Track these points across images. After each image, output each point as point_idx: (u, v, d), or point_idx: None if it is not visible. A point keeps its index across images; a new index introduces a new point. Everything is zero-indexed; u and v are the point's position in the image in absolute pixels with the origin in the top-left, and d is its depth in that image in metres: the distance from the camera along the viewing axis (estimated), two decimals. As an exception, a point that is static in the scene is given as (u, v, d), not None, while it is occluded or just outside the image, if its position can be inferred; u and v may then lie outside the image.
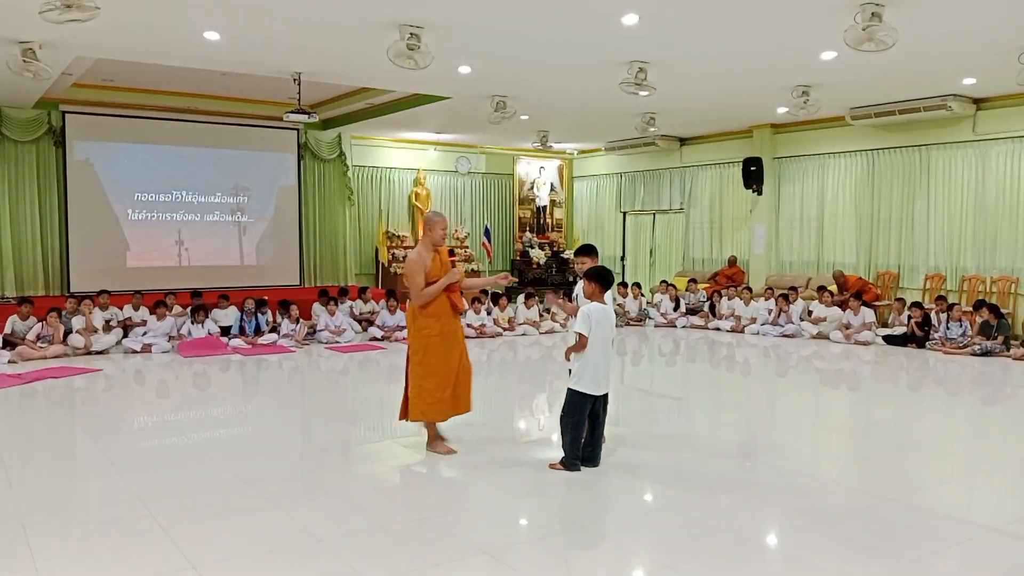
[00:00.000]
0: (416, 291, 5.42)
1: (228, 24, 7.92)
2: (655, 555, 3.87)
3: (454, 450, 5.52)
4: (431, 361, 5.43)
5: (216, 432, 6.59)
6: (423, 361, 5.43)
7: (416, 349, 5.47)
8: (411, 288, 5.45)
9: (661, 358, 10.80)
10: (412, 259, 5.45)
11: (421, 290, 5.40)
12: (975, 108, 11.51)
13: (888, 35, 7.01)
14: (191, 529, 4.07)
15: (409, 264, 5.45)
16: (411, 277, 5.42)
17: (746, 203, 14.85)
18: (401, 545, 3.91)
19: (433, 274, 5.44)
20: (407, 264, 5.48)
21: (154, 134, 13.37)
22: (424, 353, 5.43)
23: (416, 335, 5.48)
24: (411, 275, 5.42)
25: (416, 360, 5.46)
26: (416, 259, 5.43)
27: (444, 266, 5.52)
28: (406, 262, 5.51)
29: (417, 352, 5.46)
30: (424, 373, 5.42)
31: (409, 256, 5.51)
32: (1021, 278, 11.31)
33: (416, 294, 5.42)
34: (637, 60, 9.13)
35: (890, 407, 7.74)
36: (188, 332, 10.53)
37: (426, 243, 5.54)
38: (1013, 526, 4.28)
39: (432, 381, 5.42)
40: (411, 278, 5.42)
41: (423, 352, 5.43)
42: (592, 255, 5.61)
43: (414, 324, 5.50)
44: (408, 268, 5.46)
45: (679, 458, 5.52)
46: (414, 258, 5.44)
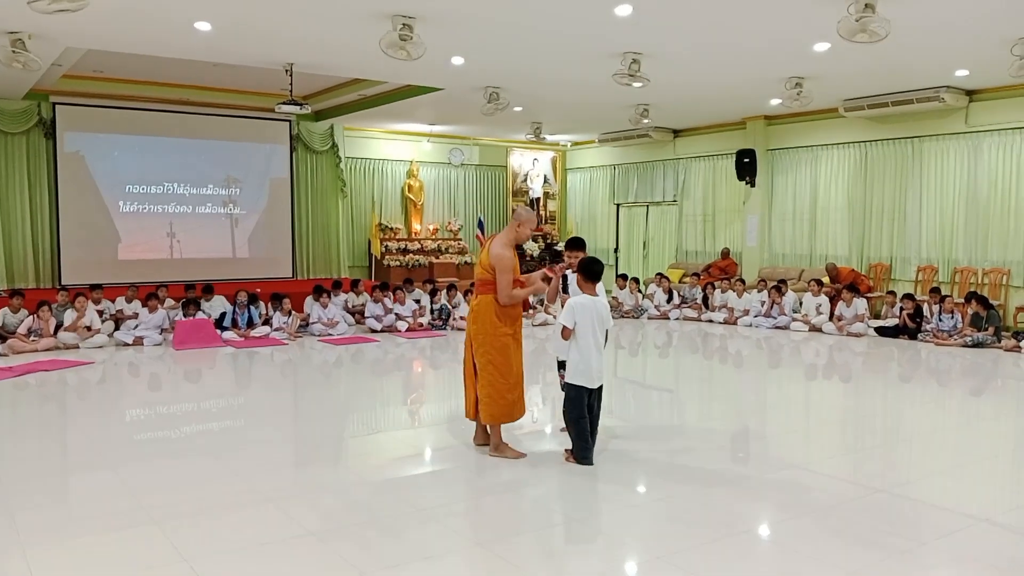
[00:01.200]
0: (506, 289, 5.17)
1: (219, 14, 7.86)
2: (648, 546, 3.87)
3: (524, 453, 5.27)
4: (506, 362, 5.23)
5: (208, 425, 6.57)
6: (496, 361, 5.21)
7: (492, 349, 5.21)
8: (500, 285, 5.17)
9: (655, 350, 10.81)
10: (503, 254, 5.17)
11: (510, 289, 5.20)
12: (968, 100, 11.52)
13: (881, 26, 7.01)
14: (183, 522, 4.06)
15: (503, 260, 5.16)
16: (501, 273, 5.16)
17: (739, 195, 14.86)
18: (395, 537, 3.90)
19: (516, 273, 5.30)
20: (498, 259, 5.16)
21: (145, 126, 13.30)
22: (499, 354, 5.22)
23: (494, 334, 5.21)
24: (502, 271, 5.16)
25: (487, 359, 5.22)
26: (507, 254, 5.19)
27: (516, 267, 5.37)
28: (495, 257, 5.17)
29: (492, 352, 5.21)
30: (499, 374, 5.21)
31: (497, 251, 5.19)
32: (1012, 270, 11.35)
33: (505, 293, 5.17)
34: (631, 51, 9.11)
35: (881, 398, 7.77)
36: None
37: (511, 238, 5.30)
38: (1002, 516, 4.30)
39: (505, 383, 5.23)
40: (501, 274, 5.16)
41: (499, 353, 5.22)
42: (583, 248, 5.62)
43: (493, 322, 5.22)
44: (499, 264, 5.16)
45: (672, 449, 5.52)
46: (505, 253, 5.18)
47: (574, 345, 5.03)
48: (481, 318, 5.25)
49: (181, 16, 7.89)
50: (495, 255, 5.19)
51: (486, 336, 5.22)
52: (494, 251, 5.21)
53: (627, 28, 8.13)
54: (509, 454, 5.25)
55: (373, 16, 7.71)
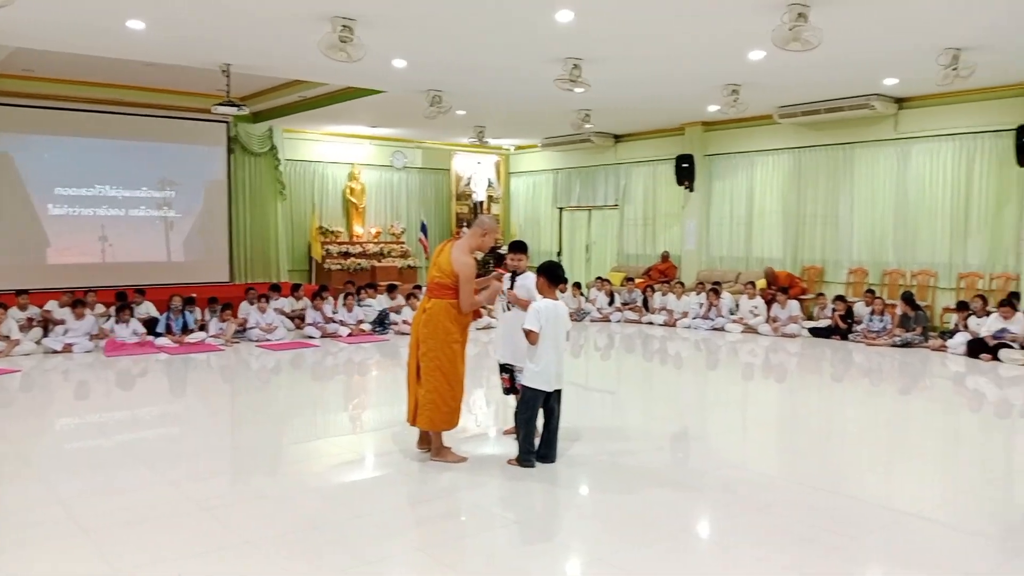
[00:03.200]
0: (469, 298, 5.13)
1: (152, 13, 7.67)
2: (589, 548, 3.89)
3: (465, 457, 5.27)
4: (454, 369, 5.17)
5: (141, 433, 6.38)
6: (444, 368, 5.14)
7: (442, 355, 5.13)
8: (463, 292, 5.11)
9: (596, 352, 10.90)
10: (467, 261, 5.12)
11: (473, 297, 5.16)
12: (897, 107, 11.91)
13: (813, 35, 7.20)
14: (114, 533, 3.94)
15: (465, 268, 5.10)
16: (466, 281, 5.10)
17: (678, 199, 15.09)
18: (335, 544, 3.85)
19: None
20: (464, 267, 5.10)
21: (76, 126, 12.91)
22: (449, 361, 5.15)
23: (445, 340, 5.13)
24: (466, 279, 5.10)
25: (436, 365, 5.13)
26: (470, 261, 5.15)
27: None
28: (462, 264, 5.10)
29: (442, 358, 5.13)
30: (445, 381, 5.15)
31: (465, 259, 5.13)
32: (939, 272, 11.77)
33: (468, 301, 5.13)
34: (572, 57, 9.18)
35: (815, 398, 7.97)
36: (112, 331, 10.18)
37: (473, 247, 5.26)
38: (932, 511, 4.44)
39: (450, 390, 5.17)
40: (466, 282, 5.10)
41: (448, 360, 5.15)
42: (526, 251, 5.65)
43: (446, 328, 5.14)
44: (464, 271, 5.09)
45: (613, 451, 5.57)
46: (468, 260, 5.13)
47: (533, 348, 5.02)
48: (434, 323, 5.15)
49: (113, 14, 7.68)
50: (459, 262, 5.11)
51: (437, 342, 5.14)
52: (457, 258, 5.12)
53: (568, 34, 8.19)
54: (451, 458, 5.23)
55: (312, 17, 7.61)
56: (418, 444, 5.42)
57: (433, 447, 5.28)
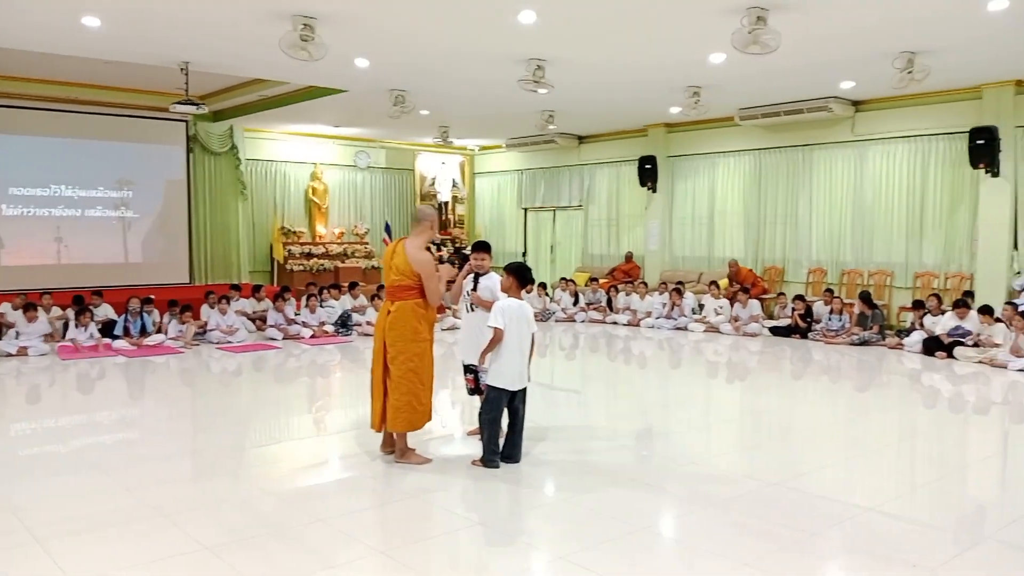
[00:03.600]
0: (437, 293, 5.11)
1: (109, 9, 7.52)
2: (553, 546, 3.90)
3: (429, 459, 5.24)
4: (425, 368, 5.15)
5: (98, 438, 6.26)
6: (418, 368, 5.09)
7: (414, 356, 5.08)
8: (430, 289, 5.07)
9: (561, 352, 10.93)
10: (428, 259, 5.08)
11: (440, 291, 5.14)
12: (854, 110, 12.13)
13: (772, 38, 7.30)
14: (69, 541, 3.86)
15: (428, 264, 5.06)
16: (430, 278, 5.05)
17: (642, 200, 15.20)
18: (297, 549, 3.81)
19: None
20: (424, 264, 5.04)
21: (30, 125, 12.61)
22: (421, 360, 5.11)
23: (415, 340, 5.08)
24: (430, 276, 5.05)
25: (409, 367, 5.06)
26: (430, 257, 5.11)
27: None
28: (422, 262, 5.04)
29: (415, 359, 5.08)
30: (418, 380, 5.10)
31: (422, 256, 5.08)
32: (895, 271, 12.00)
33: (437, 294, 5.11)
34: (535, 58, 9.20)
35: (775, 395, 8.08)
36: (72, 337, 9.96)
37: (424, 240, 5.20)
38: (888, 505, 4.53)
39: (424, 390, 5.15)
40: (430, 279, 5.05)
41: (420, 359, 5.11)
42: (490, 251, 5.64)
43: (415, 328, 5.08)
44: (426, 269, 5.04)
45: (578, 450, 5.59)
46: (428, 258, 5.09)
47: (497, 348, 5.02)
48: (402, 324, 5.08)
49: (67, 10, 7.52)
50: (418, 260, 5.06)
51: (406, 343, 5.07)
52: (415, 256, 5.07)
53: (531, 35, 8.20)
54: (415, 460, 5.20)
55: (273, 15, 7.53)
56: (382, 447, 5.38)
57: (398, 449, 5.23)
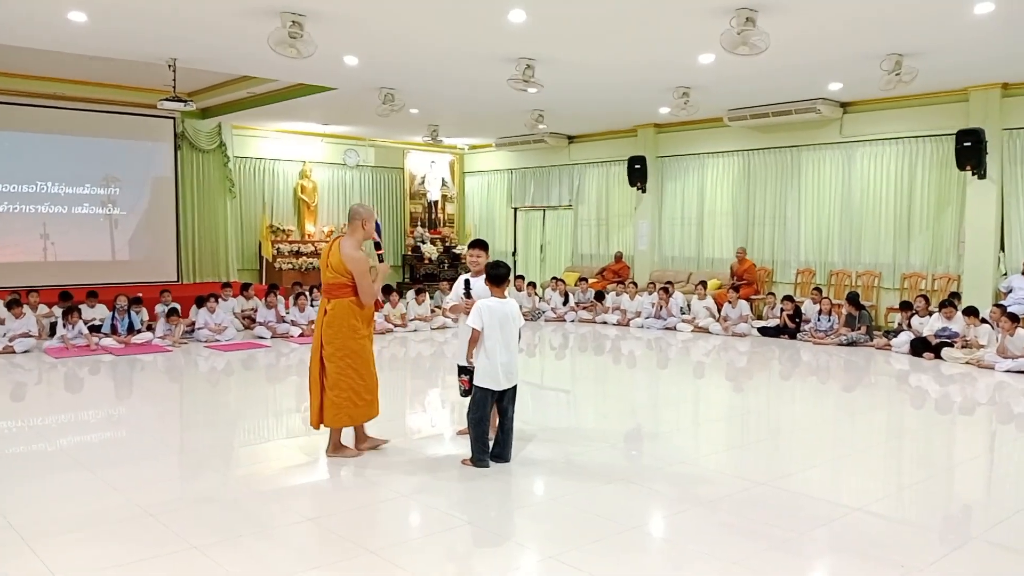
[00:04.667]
0: (369, 290, 5.16)
1: (95, 4, 7.47)
2: (542, 546, 3.90)
3: (361, 452, 5.35)
4: (362, 364, 5.21)
5: (85, 437, 6.21)
6: (356, 365, 5.18)
7: (351, 353, 5.17)
8: (362, 287, 5.13)
9: (551, 351, 10.93)
10: (358, 257, 5.11)
11: (372, 289, 5.18)
12: (842, 111, 12.18)
13: (761, 39, 7.32)
14: (56, 541, 3.82)
15: (359, 262, 5.10)
16: (361, 276, 5.11)
17: (631, 200, 15.23)
18: (285, 548, 3.79)
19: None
20: (355, 263, 5.09)
21: (16, 121, 12.52)
22: (359, 356, 5.19)
23: (350, 336, 5.17)
24: (361, 274, 5.10)
25: (346, 363, 5.16)
26: (362, 256, 5.14)
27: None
28: (351, 261, 5.10)
29: (352, 356, 5.17)
30: (355, 376, 5.18)
31: (352, 254, 5.12)
32: (883, 272, 12.06)
33: (368, 293, 5.16)
34: (525, 57, 9.19)
35: (764, 395, 8.11)
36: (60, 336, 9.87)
37: (358, 239, 5.23)
38: (875, 505, 4.54)
39: (364, 385, 5.22)
40: (361, 277, 5.11)
41: (358, 356, 5.19)
42: (486, 249, 5.64)
43: (351, 325, 5.17)
44: (356, 267, 5.09)
45: (568, 450, 5.59)
46: (359, 256, 5.13)
47: (481, 347, 5.01)
48: (339, 322, 5.17)
49: (54, 5, 7.46)
50: (351, 259, 5.12)
51: (344, 340, 5.17)
52: (348, 254, 5.13)
53: (521, 34, 8.20)
54: (349, 453, 5.31)
55: (261, 12, 7.50)
56: (356, 445, 5.43)
57: (333, 440, 5.31)
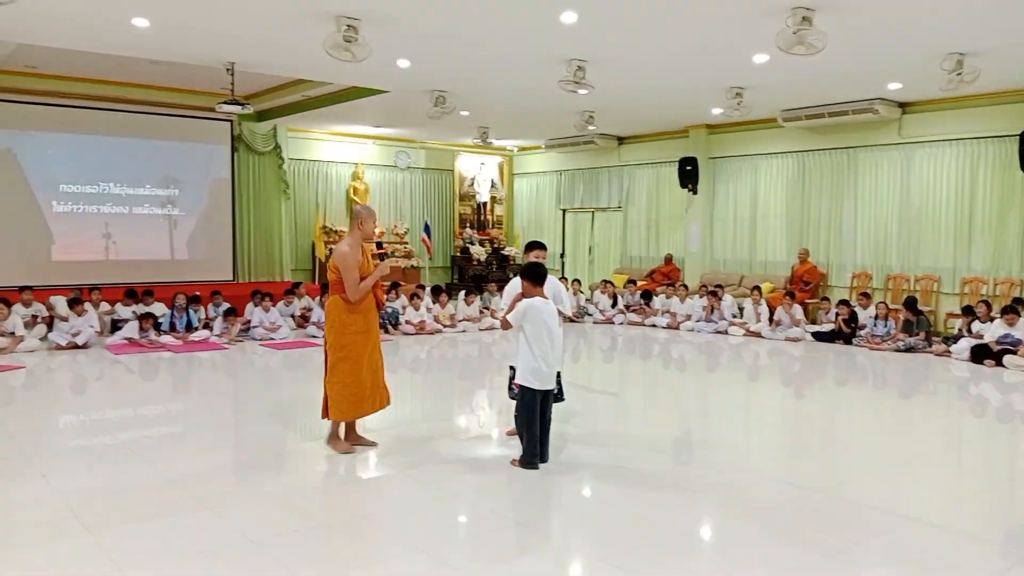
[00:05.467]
0: (354, 286, 5.29)
1: (158, 10, 7.68)
2: (593, 551, 3.89)
3: (353, 449, 5.48)
4: (355, 357, 5.36)
5: (144, 431, 6.39)
6: (348, 357, 5.35)
7: (343, 347, 5.34)
8: (347, 283, 5.28)
9: (600, 354, 10.90)
10: (345, 253, 5.27)
11: (359, 285, 5.31)
12: (901, 112, 11.91)
13: (818, 39, 7.20)
14: (118, 531, 3.95)
15: (343, 259, 5.26)
16: (347, 272, 5.26)
17: (682, 202, 15.10)
18: (337, 545, 3.86)
19: (363, 270, 5.38)
20: (340, 259, 5.27)
21: (81, 123, 12.92)
22: (349, 350, 5.35)
23: (341, 331, 5.35)
24: (346, 269, 5.26)
25: (340, 356, 5.35)
26: (350, 253, 5.28)
27: (370, 261, 5.51)
28: (338, 257, 5.30)
29: (344, 349, 5.35)
30: (348, 370, 5.35)
31: (340, 250, 5.32)
32: (942, 277, 11.76)
33: (353, 289, 5.29)
34: (576, 58, 9.18)
35: (818, 402, 7.97)
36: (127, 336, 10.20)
37: (356, 238, 5.40)
38: (933, 516, 4.44)
39: (355, 378, 5.36)
40: (346, 272, 5.26)
41: (347, 348, 5.35)
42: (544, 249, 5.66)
43: (341, 320, 5.35)
44: (342, 263, 5.26)
45: (618, 453, 5.57)
46: (347, 252, 5.28)
47: (526, 348, 5.03)
48: (331, 317, 5.40)
49: (118, 12, 7.69)
50: (338, 255, 5.31)
51: (336, 335, 5.36)
52: (337, 251, 5.35)
53: (573, 35, 8.20)
54: (340, 448, 5.44)
55: (317, 16, 7.62)
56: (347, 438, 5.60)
57: (331, 433, 5.51)
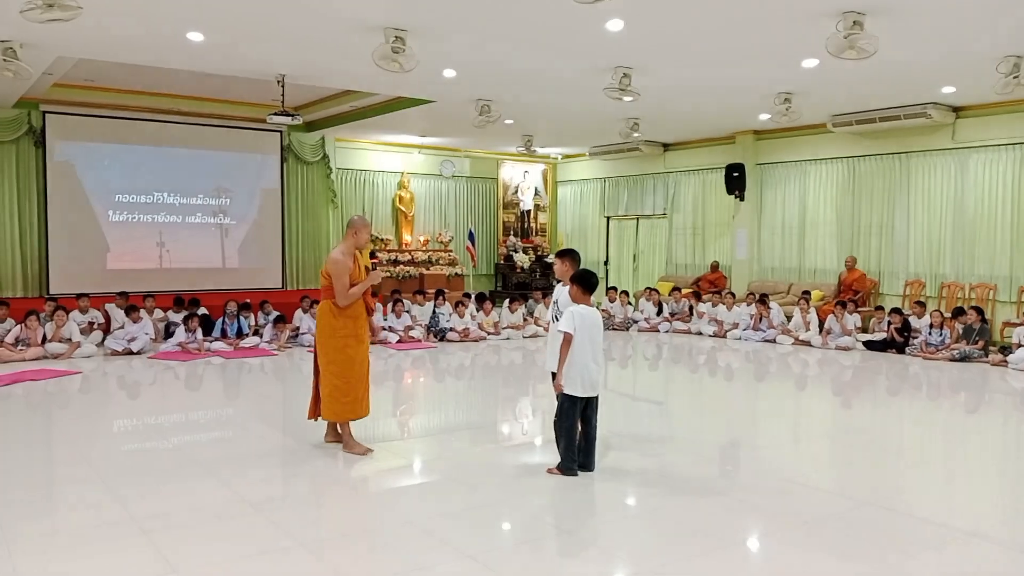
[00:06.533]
0: (343, 292, 5.51)
1: (212, 25, 7.88)
2: (639, 558, 3.87)
3: (372, 449, 5.65)
4: (345, 360, 5.57)
5: (197, 435, 6.54)
6: (337, 360, 5.56)
7: (331, 349, 5.57)
8: (337, 289, 5.52)
9: (645, 362, 10.83)
10: (338, 260, 5.52)
11: (348, 291, 5.53)
12: (954, 116, 11.64)
13: (869, 43, 7.09)
14: (172, 533, 4.04)
15: (336, 265, 5.51)
16: (337, 278, 5.50)
17: (728, 209, 14.94)
18: (386, 549, 3.89)
19: (354, 277, 5.59)
20: (332, 264, 5.53)
21: (136, 135, 13.27)
22: (339, 353, 5.56)
23: (332, 335, 5.57)
24: (337, 276, 5.50)
25: (329, 359, 5.58)
26: (341, 260, 5.53)
27: (361, 269, 5.71)
28: (330, 263, 5.57)
29: (332, 352, 5.57)
30: (338, 372, 5.55)
31: (332, 257, 5.59)
32: (999, 285, 11.44)
33: (343, 295, 5.53)
34: (621, 66, 9.17)
35: (870, 412, 7.81)
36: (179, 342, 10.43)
37: (350, 246, 5.63)
38: (991, 530, 4.32)
39: (345, 380, 5.56)
40: (337, 279, 5.50)
41: (338, 353, 5.56)
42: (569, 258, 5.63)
43: (331, 325, 5.59)
44: (334, 268, 5.51)
45: (664, 462, 5.53)
46: (340, 259, 5.53)
47: (570, 354, 5.02)
48: (321, 322, 5.64)
49: (173, 26, 7.90)
50: (330, 261, 5.56)
51: (325, 339, 5.59)
52: (330, 258, 5.60)
53: (618, 42, 8.19)
54: (357, 450, 5.59)
55: (366, 28, 7.74)
56: (325, 437, 5.82)
57: (343, 438, 5.70)
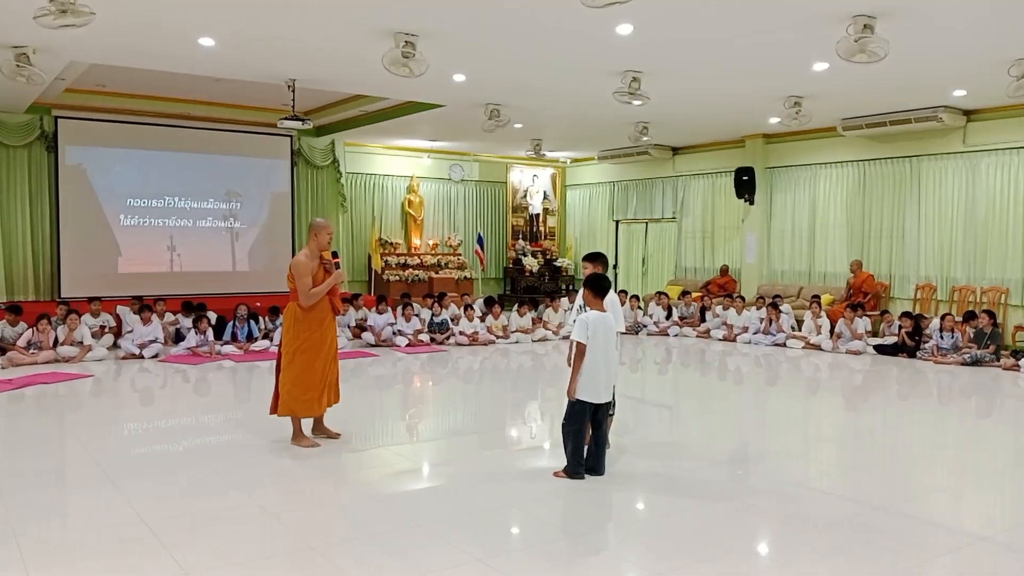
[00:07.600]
0: (305, 292, 5.66)
1: (223, 30, 7.92)
2: (648, 563, 3.87)
3: (318, 443, 5.85)
4: (305, 360, 5.72)
5: (207, 438, 6.56)
6: (297, 359, 5.72)
7: (293, 349, 5.72)
8: (299, 289, 5.68)
9: (654, 366, 10.81)
10: (301, 261, 5.70)
11: (309, 291, 5.67)
12: (965, 119, 11.59)
13: (880, 47, 7.07)
14: (184, 536, 4.06)
15: (298, 267, 5.69)
16: (299, 279, 5.67)
17: (738, 212, 14.91)
18: (394, 553, 3.90)
19: (317, 278, 5.76)
20: (295, 267, 5.71)
21: (147, 140, 13.34)
22: (300, 352, 5.72)
23: (296, 335, 5.73)
24: (299, 277, 5.67)
25: (287, 360, 5.75)
26: (304, 261, 5.71)
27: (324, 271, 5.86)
28: (294, 265, 5.73)
29: (294, 351, 5.72)
30: (298, 370, 5.71)
31: (297, 259, 5.76)
32: (1011, 288, 11.38)
33: (305, 295, 5.67)
34: (631, 69, 9.17)
35: (880, 416, 7.78)
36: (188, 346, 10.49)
37: (312, 248, 5.80)
38: (1003, 535, 4.30)
39: (304, 379, 5.73)
40: (299, 279, 5.67)
41: (299, 352, 5.72)
42: (599, 261, 5.61)
43: (295, 325, 5.75)
44: (296, 270, 5.68)
45: (673, 466, 5.52)
46: (302, 260, 5.71)
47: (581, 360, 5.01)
48: (286, 323, 5.87)
49: (185, 32, 7.95)
50: (293, 264, 5.76)
51: (288, 337, 5.79)
52: (293, 261, 5.79)
53: (628, 46, 8.19)
54: (305, 443, 5.80)
55: (376, 33, 7.77)
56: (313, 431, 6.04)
57: (293, 431, 5.87)
